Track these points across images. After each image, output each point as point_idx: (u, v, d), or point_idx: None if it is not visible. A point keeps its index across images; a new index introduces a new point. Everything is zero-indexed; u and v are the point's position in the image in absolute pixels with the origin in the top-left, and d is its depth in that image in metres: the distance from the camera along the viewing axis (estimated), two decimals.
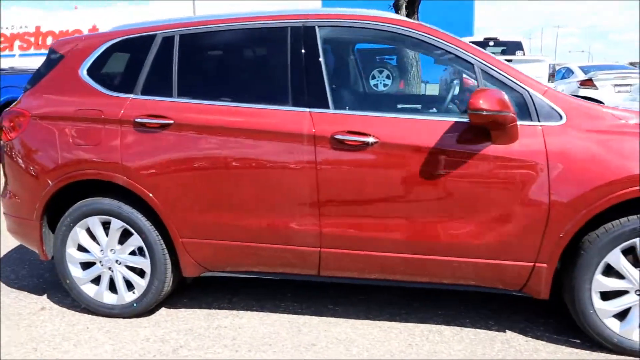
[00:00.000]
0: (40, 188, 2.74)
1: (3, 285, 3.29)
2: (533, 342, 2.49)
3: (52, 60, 2.88)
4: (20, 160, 2.81)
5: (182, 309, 2.91)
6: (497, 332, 2.59)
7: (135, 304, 2.79)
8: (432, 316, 2.75)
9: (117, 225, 2.72)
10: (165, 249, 2.70)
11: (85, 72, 2.77)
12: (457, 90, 3.32)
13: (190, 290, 3.09)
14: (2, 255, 3.83)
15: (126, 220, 2.68)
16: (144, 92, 2.66)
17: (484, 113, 2.15)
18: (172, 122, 2.55)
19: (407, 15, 8.06)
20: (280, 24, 2.57)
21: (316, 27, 2.52)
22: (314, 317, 2.78)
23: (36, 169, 2.75)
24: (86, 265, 2.85)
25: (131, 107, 2.64)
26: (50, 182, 2.71)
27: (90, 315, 2.85)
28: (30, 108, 2.80)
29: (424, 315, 2.76)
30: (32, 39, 18.99)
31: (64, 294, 3.10)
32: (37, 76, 2.92)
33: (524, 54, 9.99)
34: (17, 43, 19.03)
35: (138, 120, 2.59)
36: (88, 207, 2.72)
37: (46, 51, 2.98)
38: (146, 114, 2.60)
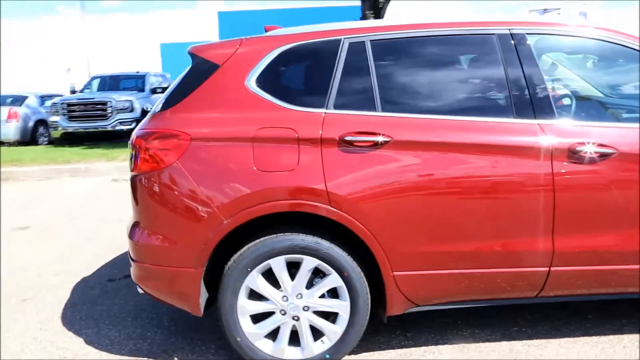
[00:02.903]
0: (207, 228, 2.21)
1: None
2: None
3: (202, 71, 2.35)
4: (174, 194, 2.24)
5: (364, 354, 2.54)
6: None
7: (328, 355, 2.36)
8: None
9: (309, 264, 2.28)
10: (367, 288, 2.33)
11: (254, 83, 2.31)
12: None
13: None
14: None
15: (324, 258, 2.27)
16: (337, 107, 2.29)
17: None
18: (388, 139, 2.22)
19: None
20: (486, 31, 2.39)
21: (526, 35, 2.39)
22: (503, 342, 2.60)
23: (202, 203, 2.21)
24: (257, 318, 2.36)
25: (329, 123, 2.25)
26: (224, 219, 2.20)
27: None
28: (188, 128, 2.25)
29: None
30: None
31: (204, 348, 2.56)
32: (180, 90, 2.37)
33: None
34: None
35: (348, 138, 2.21)
36: (277, 246, 2.25)
37: None
38: (354, 131, 2.23)
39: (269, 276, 2.31)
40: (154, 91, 12.44)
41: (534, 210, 2.28)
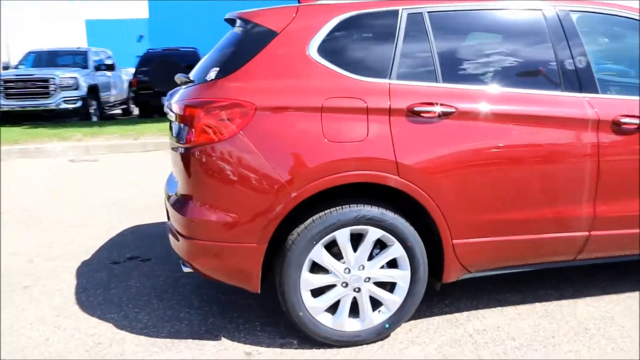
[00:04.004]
0: (274, 201, 2.13)
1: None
2: None
3: (259, 38, 2.24)
4: (238, 167, 2.14)
5: (412, 321, 2.58)
6: None
7: (387, 325, 2.39)
8: None
9: (374, 235, 2.28)
10: (426, 257, 2.37)
11: (315, 52, 2.23)
12: None
13: None
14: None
15: (388, 229, 2.27)
16: (400, 77, 2.27)
17: None
18: (453, 110, 2.24)
19: None
20: (536, 6, 2.46)
21: (570, 13, 2.49)
22: (536, 303, 2.75)
23: (269, 176, 2.13)
24: (314, 292, 2.33)
25: (396, 94, 2.23)
26: (292, 192, 2.13)
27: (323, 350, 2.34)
28: (252, 97, 2.14)
29: None
30: None
31: (248, 326, 2.50)
32: (234, 58, 2.25)
33: None
34: None
35: (417, 109, 2.21)
36: (343, 217, 2.21)
37: None
38: (421, 101, 2.23)
39: (329, 249, 2.29)
40: (98, 68, 11.65)
41: (580, 179, 2.41)
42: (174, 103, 2.46)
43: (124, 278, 3.19)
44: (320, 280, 2.29)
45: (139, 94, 12.19)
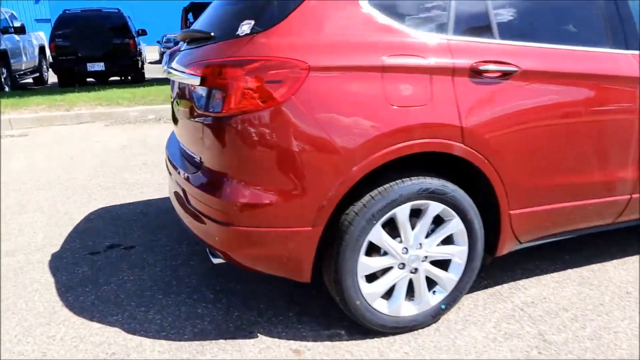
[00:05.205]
0: (334, 176, 1.83)
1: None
2: None
3: None
4: (290, 138, 1.79)
5: None
6: None
7: (443, 306, 2.20)
8: None
9: (434, 210, 2.05)
10: (483, 230, 2.19)
11: (367, 2, 1.91)
12: None
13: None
14: None
15: (448, 202, 2.05)
16: (457, 32, 2.01)
17: None
18: (516, 69, 2.03)
19: None
20: None
21: None
22: (568, 270, 2.70)
23: (328, 148, 1.80)
24: (369, 277, 2.08)
25: (456, 51, 1.97)
26: (354, 165, 1.84)
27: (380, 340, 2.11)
28: (304, 55, 1.78)
29: None
30: None
31: (282, 318, 2.21)
32: (274, 8, 1.86)
33: None
34: None
35: (482, 67, 1.97)
36: (405, 192, 1.95)
37: None
38: (484, 59, 1.99)
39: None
40: (4, 31, 10.24)
41: (629, 141, 2.32)
42: (188, 64, 2.05)
43: (113, 271, 2.74)
44: (378, 263, 2.04)
45: (58, 59, 10.94)
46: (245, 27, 1.87)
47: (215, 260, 2.06)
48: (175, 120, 2.57)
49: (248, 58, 1.80)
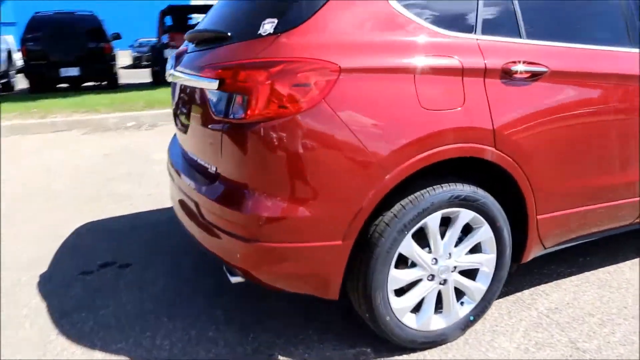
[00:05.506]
0: (367, 185, 1.71)
1: None
2: None
3: None
4: (320, 145, 1.65)
5: None
6: None
7: (472, 317, 2.10)
8: None
9: (465, 218, 1.95)
10: (511, 237, 2.10)
11: (398, 2, 1.79)
12: None
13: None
14: None
15: (479, 209, 1.95)
16: (485, 32, 1.92)
17: None
18: (546, 70, 1.95)
19: None
20: None
21: None
22: (586, 272, 2.65)
23: (361, 155, 1.68)
24: (399, 290, 1.96)
25: (487, 51, 1.87)
26: (387, 173, 1.72)
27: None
28: (334, 57, 1.65)
29: None
30: None
31: (302, 337, 2.06)
32: (299, 6, 1.73)
33: None
34: None
35: (514, 68, 1.88)
36: (436, 200, 1.84)
37: None
38: (513, 60, 1.90)
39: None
40: None
41: None
42: (202, 67, 1.90)
43: (110, 292, 2.54)
44: (408, 275, 1.92)
45: (30, 64, 10.47)
46: (268, 26, 1.73)
47: (234, 279, 1.90)
48: (180, 127, 2.40)
49: (273, 59, 1.66)
